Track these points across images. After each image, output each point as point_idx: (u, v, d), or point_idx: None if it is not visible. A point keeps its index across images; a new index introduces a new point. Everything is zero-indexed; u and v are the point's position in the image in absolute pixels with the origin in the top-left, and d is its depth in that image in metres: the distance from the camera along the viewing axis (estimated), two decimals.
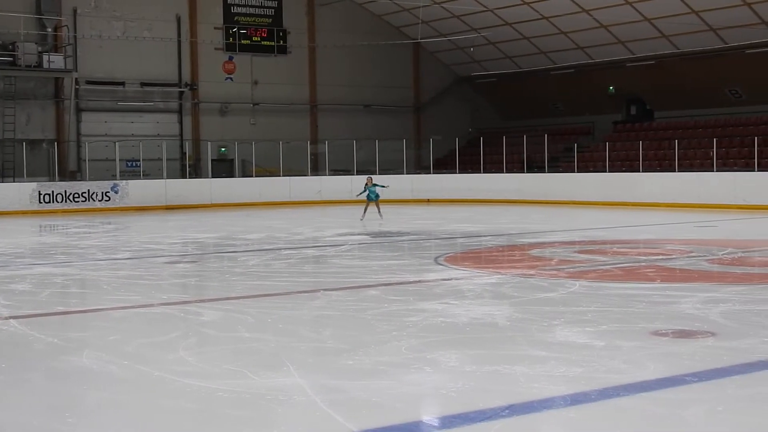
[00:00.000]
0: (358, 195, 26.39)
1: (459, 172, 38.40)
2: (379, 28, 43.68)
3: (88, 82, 37.64)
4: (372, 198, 25.08)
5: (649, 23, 36.22)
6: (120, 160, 36.05)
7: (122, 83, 38.54)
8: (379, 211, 25.07)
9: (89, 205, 32.63)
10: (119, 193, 33.37)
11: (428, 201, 36.64)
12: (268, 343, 8.17)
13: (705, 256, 15.03)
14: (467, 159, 40.28)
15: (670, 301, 10.05)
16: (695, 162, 33.84)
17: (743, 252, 16.09)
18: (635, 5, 35.31)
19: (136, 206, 33.19)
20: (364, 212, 25.03)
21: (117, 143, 36.12)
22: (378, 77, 44.32)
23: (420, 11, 39.20)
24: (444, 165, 41.36)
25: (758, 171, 30.55)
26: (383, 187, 25.18)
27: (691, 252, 15.68)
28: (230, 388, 6.45)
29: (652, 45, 37.70)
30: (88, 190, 32.99)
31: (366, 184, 25.37)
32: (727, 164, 32.60)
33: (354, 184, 37.48)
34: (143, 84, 38.98)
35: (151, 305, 10.58)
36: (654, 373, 6.78)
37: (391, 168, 39.24)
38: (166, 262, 15.39)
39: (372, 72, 44.11)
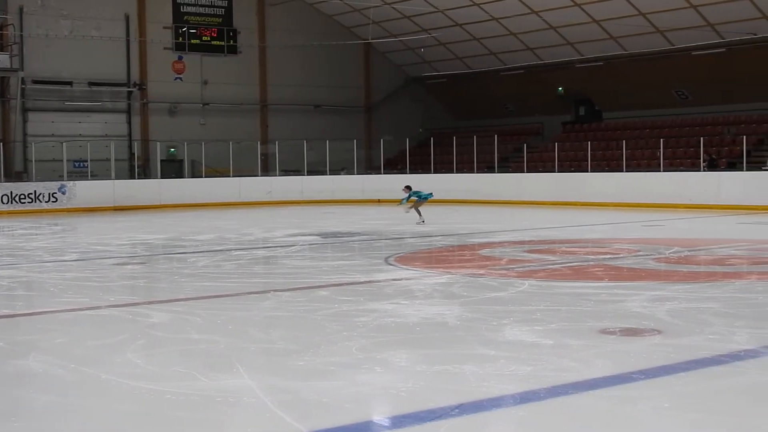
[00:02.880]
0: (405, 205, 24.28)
1: (410, 172, 38.45)
2: (330, 28, 43.66)
3: (35, 82, 37.20)
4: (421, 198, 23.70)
5: (597, 25, 36.58)
6: (67, 160, 35.60)
7: (70, 83, 38.16)
8: (418, 212, 23.76)
9: (36, 206, 32.19)
10: (66, 194, 32.96)
11: (379, 201, 36.66)
12: (217, 344, 8.12)
13: (652, 255, 15.20)
14: (418, 159, 40.39)
15: (617, 300, 10.15)
16: (642, 162, 34.24)
17: (689, 251, 16.31)
18: (584, 7, 35.65)
19: (83, 207, 32.81)
20: (419, 214, 23.67)
21: (64, 143, 35.70)
22: (329, 77, 44.30)
23: (371, 12, 39.26)
24: (395, 165, 41.44)
25: (703, 171, 30.98)
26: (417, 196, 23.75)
27: (639, 251, 15.84)
28: (179, 390, 6.41)
29: (600, 46, 38.10)
30: (35, 191, 32.52)
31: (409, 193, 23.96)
32: (673, 164, 33.03)
33: (305, 184, 37.50)
34: (91, 84, 38.61)
35: (99, 307, 10.47)
36: (602, 371, 6.86)
37: (342, 168, 39.23)
38: (114, 264, 15.25)
39: (323, 72, 44.09)
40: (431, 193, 24.33)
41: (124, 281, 13.24)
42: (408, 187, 24.07)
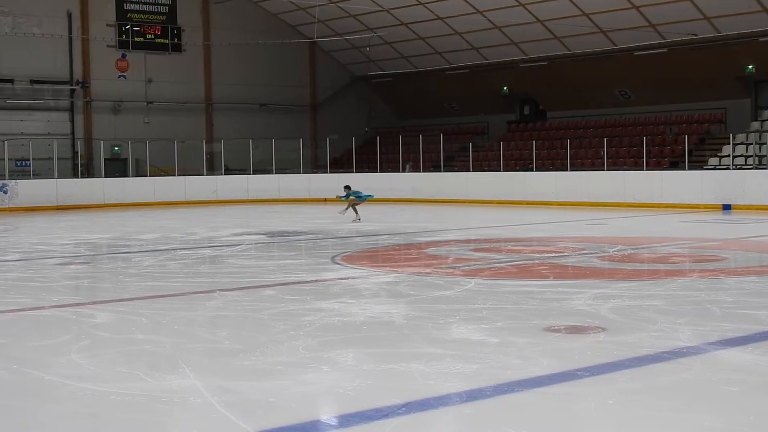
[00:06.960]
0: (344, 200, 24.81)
1: (356, 172, 38.45)
2: (275, 26, 43.50)
3: None
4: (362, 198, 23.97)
5: (541, 25, 36.85)
6: (9, 159, 35.09)
7: (11, 80, 37.59)
8: (356, 211, 23.92)
9: None
10: (8, 193, 32.49)
11: (325, 200, 36.61)
12: (162, 344, 8.05)
13: (596, 253, 15.35)
14: (364, 158, 40.41)
15: (562, 298, 10.23)
16: (586, 161, 34.58)
17: (632, 249, 16.50)
18: (528, 7, 35.89)
19: (26, 207, 32.37)
20: (356, 213, 23.98)
21: (6, 142, 35.15)
22: (274, 76, 44.14)
23: (316, 10, 39.16)
24: (341, 164, 41.42)
25: (646, 170, 31.37)
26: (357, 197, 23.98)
27: (583, 249, 16.00)
28: (124, 391, 6.35)
29: (544, 46, 38.38)
30: None
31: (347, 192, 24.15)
32: (616, 163, 33.39)
33: (250, 183, 37.33)
34: (33, 81, 38.08)
35: (42, 308, 10.34)
36: (547, 369, 6.90)
37: (287, 167, 39.12)
38: (57, 264, 15.05)
39: (268, 71, 43.93)
40: (371, 194, 24.39)
41: (68, 281, 13.07)
42: (348, 187, 24.17)
